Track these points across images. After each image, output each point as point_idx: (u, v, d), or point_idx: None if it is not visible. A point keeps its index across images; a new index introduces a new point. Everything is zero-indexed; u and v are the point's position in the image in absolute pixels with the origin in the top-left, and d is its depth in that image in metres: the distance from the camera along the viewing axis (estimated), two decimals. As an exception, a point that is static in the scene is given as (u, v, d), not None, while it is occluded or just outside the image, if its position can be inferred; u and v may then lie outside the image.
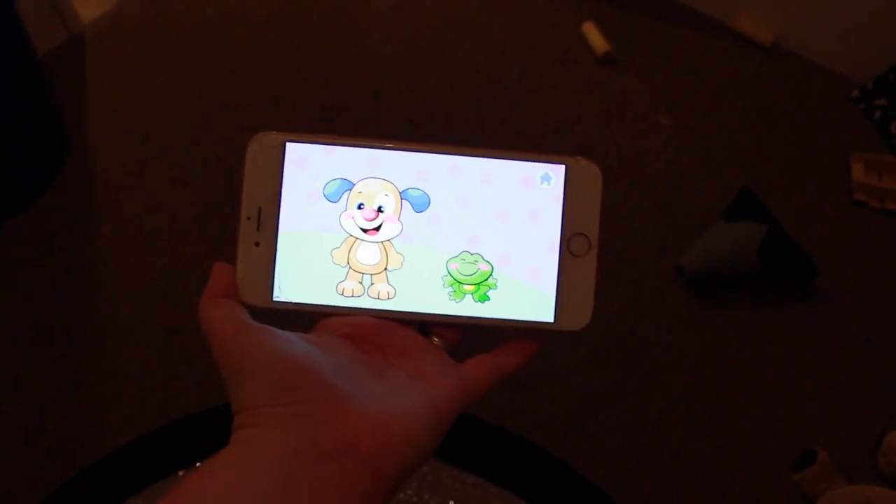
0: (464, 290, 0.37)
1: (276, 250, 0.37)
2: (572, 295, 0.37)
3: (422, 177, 0.37)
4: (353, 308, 0.37)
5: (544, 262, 0.37)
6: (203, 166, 1.30)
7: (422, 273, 0.37)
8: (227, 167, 1.29)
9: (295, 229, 0.37)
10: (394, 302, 0.37)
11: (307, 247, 0.37)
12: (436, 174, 0.37)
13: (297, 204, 0.37)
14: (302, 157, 0.37)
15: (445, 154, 0.38)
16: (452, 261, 0.37)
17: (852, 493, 0.98)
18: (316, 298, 0.37)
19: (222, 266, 0.37)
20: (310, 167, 0.37)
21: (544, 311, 0.37)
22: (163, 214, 1.25)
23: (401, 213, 0.37)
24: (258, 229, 0.37)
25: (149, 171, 1.30)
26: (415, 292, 0.37)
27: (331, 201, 0.37)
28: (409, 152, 0.37)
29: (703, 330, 1.17)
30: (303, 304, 0.37)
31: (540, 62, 1.45)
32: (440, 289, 0.37)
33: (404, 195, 0.37)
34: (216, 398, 1.07)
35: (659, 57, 1.46)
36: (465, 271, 0.37)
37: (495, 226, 0.37)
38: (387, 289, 0.37)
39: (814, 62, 1.45)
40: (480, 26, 1.49)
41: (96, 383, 1.10)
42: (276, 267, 0.37)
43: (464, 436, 1.00)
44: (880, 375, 1.13)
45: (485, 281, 0.37)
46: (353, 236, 0.37)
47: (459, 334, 0.38)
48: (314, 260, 0.37)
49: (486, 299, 0.37)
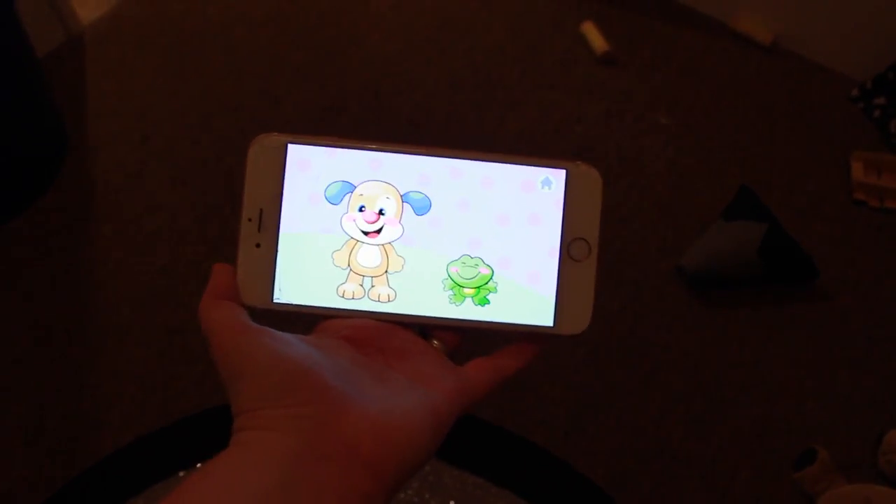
0: (464, 294, 0.37)
1: (276, 252, 0.37)
2: (572, 299, 0.37)
3: (423, 180, 0.37)
4: (354, 310, 0.37)
5: (544, 266, 0.38)
6: (203, 166, 1.30)
7: (422, 276, 0.37)
8: (228, 167, 1.29)
9: (296, 231, 0.37)
10: (394, 305, 0.37)
11: (308, 248, 0.37)
12: (437, 177, 0.37)
13: (299, 206, 0.37)
14: (303, 158, 0.37)
15: (447, 157, 0.38)
16: (453, 264, 0.37)
17: (852, 492, 0.98)
18: (316, 300, 0.37)
19: (223, 267, 0.37)
20: (311, 169, 0.37)
21: (544, 315, 0.37)
22: (163, 215, 1.25)
23: (402, 216, 0.37)
24: (259, 231, 0.37)
25: (149, 171, 1.30)
26: (415, 295, 0.37)
27: (332, 203, 0.37)
28: (411, 155, 0.37)
29: (703, 330, 1.17)
30: (303, 305, 0.37)
31: (540, 62, 1.45)
32: (440, 292, 0.37)
33: (406, 198, 0.37)
34: (216, 398, 1.07)
35: (659, 57, 1.46)
36: (466, 275, 0.37)
37: (496, 230, 0.37)
38: (387, 291, 0.37)
39: (813, 61, 1.45)
40: (480, 26, 1.49)
41: (96, 383, 1.10)
42: (277, 268, 0.37)
43: (464, 436, 1.00)
44: (880, 375, 1.13)
45: (485, 284, 0.37)
46: (354, 239, 0.37)
47: (459, 337, 0.38)
48: (315, 262, 0.37)
49: (487, 303, 0.37)
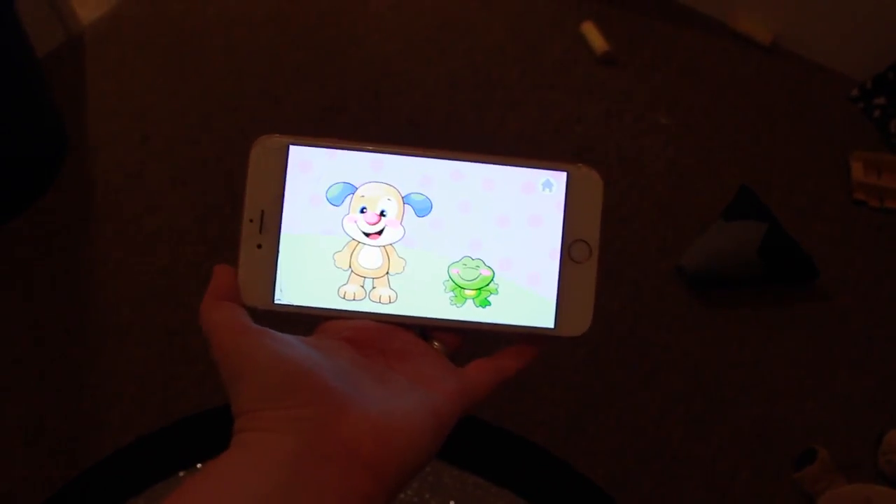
0: (465, 295, 0.37)
1: (278, 253, 0.37)
2: (572, 301, 0.37)
3: (424, 181, 0.37)
4: (355, 311, 0.37)
5: (545, 268, 0.38)
6: (203, 166, 1.30)
7: (423, 277, 0.37)
8: (228, 167, 1.29)
9: (297, 232, 0.37)
10: (395, 306, 0.37)
11: (309, 250, 0.37)
12: (438, 179, 0.37)
13: (300, 207, 0.37)
14: (305, 160, 0.37)
15: (448, 159, 0.38)
16: (454, 266, 0.37)
17: (852, 492, 0.98)
18: (317, 301, 0.37)
19: (224, 268, 0.37)
20: (313, 170, 0.37)
21: (545, 317, 0.37)
22: (163, 215, 1.25)
23: (403, 218, 0.37)
24: (260, 232, 0.37)
25: (149, 171, 1.30)
26: (416, 296, 0.37)
27: (333, 205, 0.37)
28: (412, 157, 0.38)
29: (703, 330, 1.17)
30: (304, 306, 0.37)
31: (539, 62, 1.45)
32: (441, 293, 0.37)
33: (407, 200, 0.37)
34: (216, 399, 1.07)
35: (659, 57, 1.46)
36: (467, 276, 0.37)
37: (497, 231, 0.37)
38: (388, 293, 0.37)
39: (813, 61, 1.45)
40: (480, 26, 1.49)
41: (96, 383, 1.10)
42: (278, 269, 0.37)
43: (464, 436, 1.00)
44: (880, 375, 1.13)
45: (486, 286, 0.37)
46: (356, 240, 0.37)
47: (460, 339, 0.38)
48: (316, 263, 0.37)
49: (487, 304, 0.37)
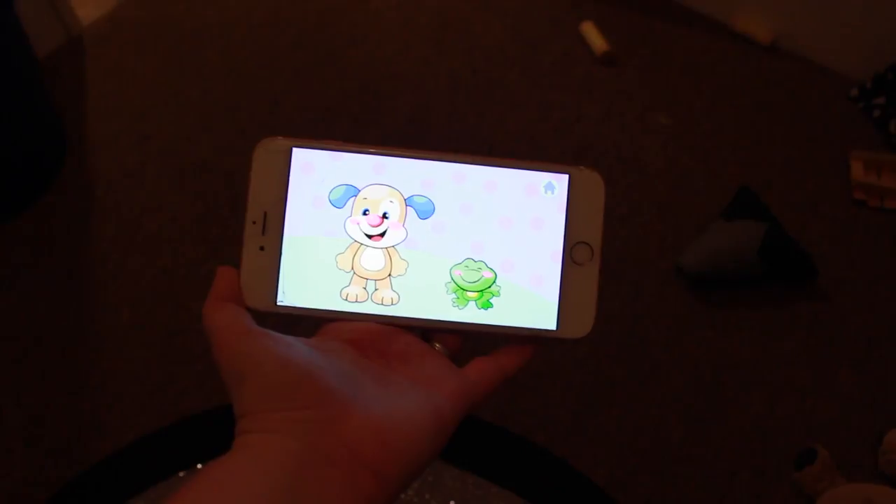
0: (467, 297, 0.37)
1: (280, 255, 0.37)
2: (575, 303, 0.38)
3: (427, 184, 0.37)
4: (357, 313, 0.37)
5: (547, 270, 0.38)
6: (203, 166, 1.30)
7: (426, 279, 0.37)
8: (228, 168, 1.29)
9: (300, 234, 0.37)
10: (397, 308, 0.37)
11: (312, 252, 0.37)
12: (440, 181, 0.38)
13: (303, 209, 0.37)
14: (308, 162, 0.37)
15: (450, 162, 0.38)
16: (456, 267, 0.37)
17: (853, 492, 0.98)
18: (320, 303, 0.37)
19: (226, 269, 0.37)
20: (315, 173, 0.37)
21: (547, 319, 0.37)
22: (163, 215, 1.25)
23: (405, 220, 0.37)
24: (263, 233, 0.37)
25: (149, 171, 1.30)
26: (418, 298, 0.37)
27: (336, 207, 0.37)
28: (415, 159, 0.38)
29: (703, 329, 1.17)
30: (306, 308, 0.37)
31: (539, 62, 1.45)
32: (444, 295, 0.37)
33: (409, 202, 0.37)
34: (217, 399, 1.07)
35: (659, 57, 1.46)
36: (469, 278, 0.37)
37: (499, 233, 0.38)
38: (390, 295, 0.37)
39: (813, 61, 1.45)
40: (480, 26, 1.49)
41: (97, 384, 1.10)
42: (281, 271, 0.37)
43: (464, 436, 1.00)
44: (880, 374, 1.13)
45: (488, 288, 0.37)
46: (358, 242, 0.37)
47: (461, 340, 0.38)
48: (318, 265, 0.37)
49: (490, 306, 0.37)
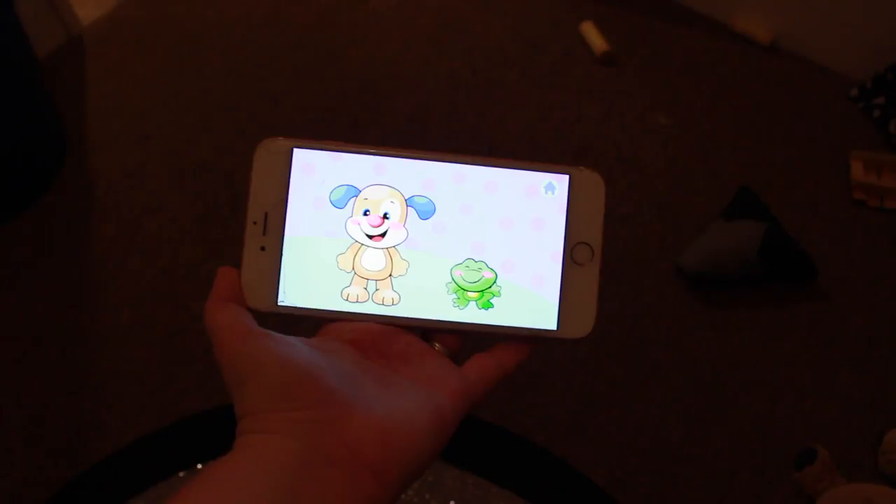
0: (468, 297, 0.37)
1: (281, 255, 0.37)
2: (575, 303, 0.38)
3: (427, 184, 0.37)
4: (358, 313, 0.37)
5: (548, 270, 0.38)
6: (203, 167, 1.30)
7: (426, 279, 0.37)
8: (228, 167, 1.29)
9: (301, 234, 0.37)
10: (398, 308, 0.37)
11: (313, 252, 0.37)
12: (441, 182, 0.38)
13: (304, 209, 0.37)
14: (309, 163, 0.37)
15: (451, 162, 0.38)
16: (457, 268, 0.37)
17: (853, 492, 0.98)
18: (321, 303, 0.37)
19: (227, 270, 0.37)
20: (316, 173, 0.37)
21: (547, 319, 0.38)
22: (163, 215, 1.25)
23: (406, 220, 0.37)
24: (264, 234, 0.37)
25: (149, 171, 1.30)
26: (419, 299, 0.37)
27: (337, 207, 0.37)
28: (415, 160, 0.38)
29: (703, 329, 1.17)
30: (307, 308, 0.37)
31: (539, 62, 1.45)
32: (444, 295, 0.37)
33: (410, 202, 0.37)
34: (217, 399, 1.07)
35: (659, 57, 1.46)
36: (470, 278, 0.37)
37: (499, 234, 0.38)
38: (391, 295, 0.37)
39: (812, 61, 1.45)
40: (480, 26, 1.49)
41: (97, 384, 1.10)
42: (282, 272, 0.37)
43: (464, 436, 1.00)
44: (880, 374, 1.13)
45: (489, 288, 0.37)
46: (359, 242, 0.37)
47: (461, 341, 0.38)
48: (319, 265, 0.37)
49: (490, 306, 0.37)
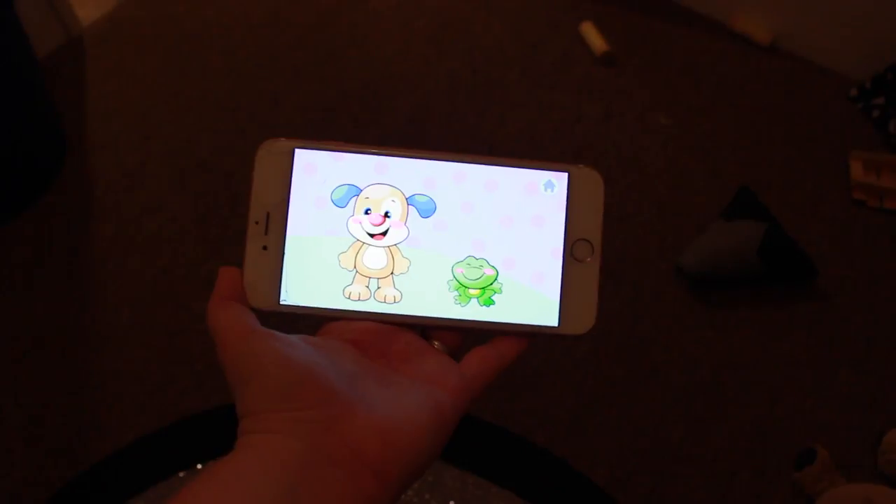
0: (469, 295, 0.37)
1: (283, 254, 0.37)
2: (576, 299, 0.38)
3: (428, 183, 0.38)
4: (360, 312, 0.37)
5: (548, 267, 0.38)
6: (203, 166, 1.30)
7: (428, 277, 0.37)
8: (228, 167, 1.29)
9: (302, 234, 0.37)
10: (400, 306, 0.37)
11: (314, 251, 0.37)
12: (442, 181, 0.38)
13: (305, 209, 0.37)
14: (310, 163, 0.38)
15: (451, 161, 0.38)
16: (458, 265, 0.38)
17: (852, 492, 0.98)
18: (323, 302, 0.37)
19: (229, 269, 0.37)
20: (318, 173, 0.37)
21: (548, 316, 0.38)
22: (163, 215, 1.25)
23: (407, 219, 0.37)
24: (266, 233, 0.37)
25: (149, 171, 1.30)
26: (421, 296, 0.37)
27: (338, 206, 0.37)
28: (416, 159, 0.38)
29: (703, 329, 1.17)
30: (310, 307, 0.37)
31: (539, 62, 1.45)
32: (446, 293, 0.37)
33: (411, 201, 0.38)
34: (217, 399, 1.07)
35: (658, 57, 1.46)
36: (471, 276, 0.37)
37: (500, 231, 0.38)
38: (393, 293, 0.37)
39: (812, 61, 1.46)
40: (480, 26, 1.49)
41: (96, 384, 1.10)
42: (284, 271, 0.37)
43: (465, 436, 1.01)
44: (880, 374, 1.14)
45: (490, 285, 0.38)
46: (360, 241, 0.37)
47: (461, 338, 0.39)
48: (321, 264, 0.37)
49: (492, 303, 0.38)
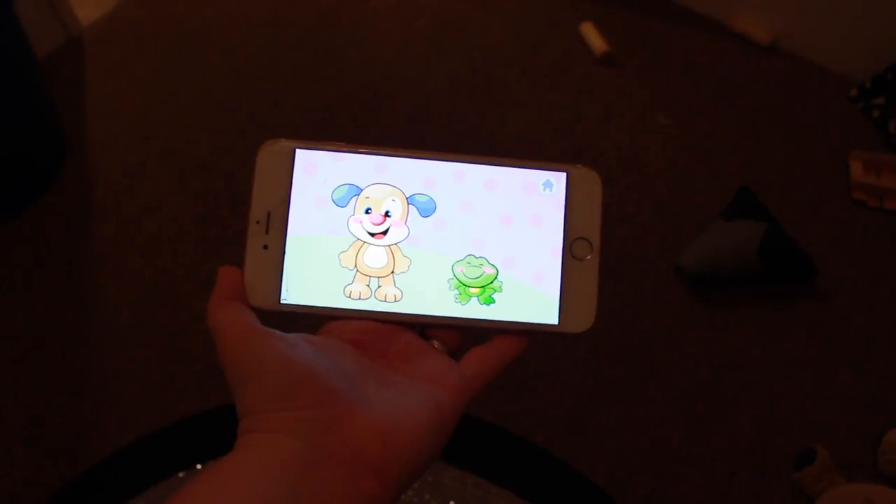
0: (469, 293, 0.38)
1: (284, 253, 0.37)
2: (576, 297, 0.38)
3: (428, 183, 0.38)
4: (361, 310, 0.37)
5: (548, 265, 0.38)
6: (203, 166, 1.30)
7: (428, 276, 0.38)
8: (228, 168, 1.29)
9: (303, 233, 0.37)
10: (400, 304, 0.37)
11: (315, 250, 0.37)
12: (441, 180, 0.38)
13: (306, 208, 0.37)
14: (311, 163, 0.38)
15: (451, 161, 0.38)
16: (458, 264, 0.38)
17: (852, 492, 0.98)
18: (323, 301, 0.37)
19: (229, 269, 0.37)
20: (318, 173, 0.38)
21: (548, 314, 0.38)
22: (163, 215, 1.25)
23: (407, 218, 0.38)
24: (266, 233, 0.37)
25: (149, 171, 1.30)
26: (421, 295, 0.37)
27: (339, 206, 0.38)
28: (416, 159, 0.38)
29: (703, 329, 1.17)
30: (310, 306, 0.37)
31: (539, 62, 1.45)
32: (446, 291, 0.38)
33: (411, 200, 0.38)
34: (217, 399, 1.07)
35: (658, 57, 1.46)
36: (471, 274, 0.38)
37: (499, 230, 0.38)
38: (394, 292, 0.37)
39: (812, 61, 1.46)
40: (479, 26, 1.50)
41: (96, 384, 1.10)
42: (285, 270, 0.37)
43: (465, 436, 1.01)
44: (880, 374, 1.14)
45: (490, 284, 0.38)
46: (361, 240, 0.37)
47: (460, 337, 0.39)
48: (322, 263, 0.37)
49: (492, 302, 0.38)
